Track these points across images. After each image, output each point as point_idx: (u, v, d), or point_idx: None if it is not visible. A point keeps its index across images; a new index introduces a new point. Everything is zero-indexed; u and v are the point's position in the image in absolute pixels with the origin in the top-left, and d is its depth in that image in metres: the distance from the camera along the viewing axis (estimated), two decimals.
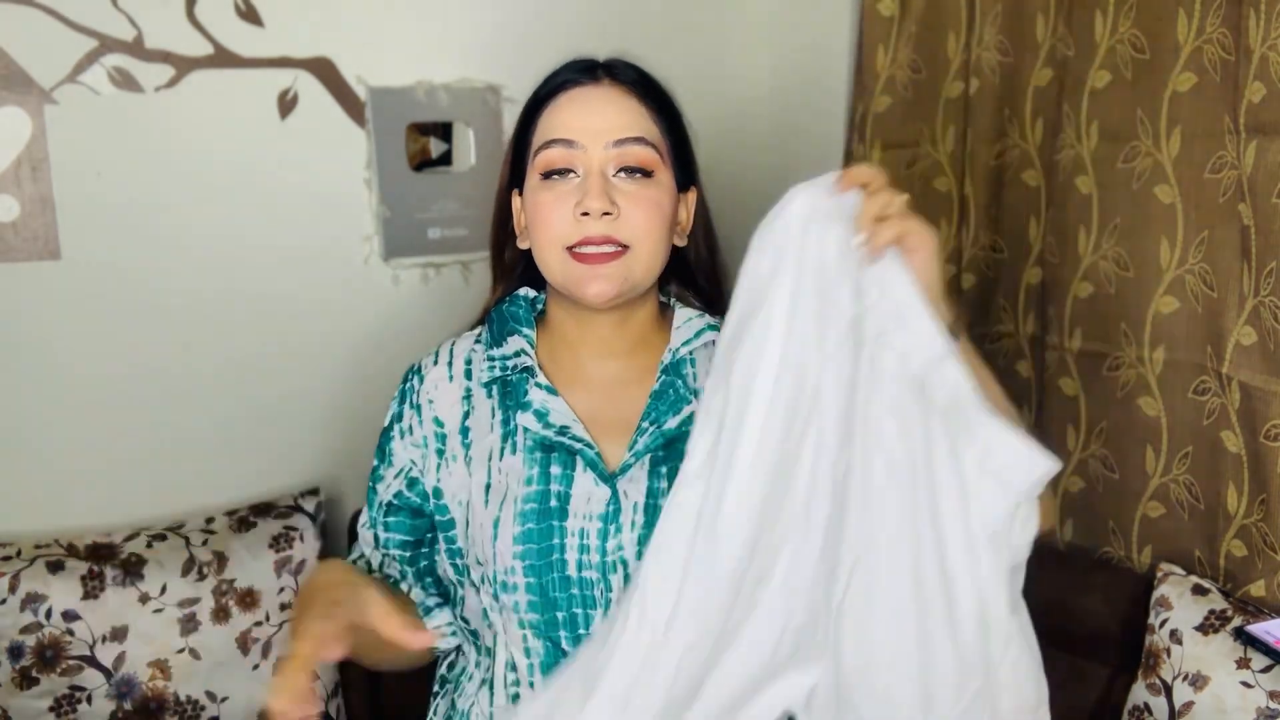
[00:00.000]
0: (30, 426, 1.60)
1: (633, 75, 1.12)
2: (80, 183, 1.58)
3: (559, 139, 1.08)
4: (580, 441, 1.09)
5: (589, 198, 1.05)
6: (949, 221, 1.87)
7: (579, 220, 1.05)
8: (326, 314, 1.79)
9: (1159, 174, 1.53)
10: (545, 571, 1.08)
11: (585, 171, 1.07)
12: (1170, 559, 1.57)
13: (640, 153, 1.08)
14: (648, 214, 1.07)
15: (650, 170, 1.09)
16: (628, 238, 1.06)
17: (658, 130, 1.11)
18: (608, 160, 1.07)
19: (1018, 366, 1.79)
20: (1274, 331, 1.38)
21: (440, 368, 1.17)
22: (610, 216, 1.05)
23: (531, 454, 1.10)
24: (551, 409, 1.11)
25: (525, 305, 1.18)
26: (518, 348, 1.14)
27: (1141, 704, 1.44)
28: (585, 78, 1.10)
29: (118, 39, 1.59)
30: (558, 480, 1.09)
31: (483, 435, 1.13)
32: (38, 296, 1.58)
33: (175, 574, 1.55)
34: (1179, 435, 1.55)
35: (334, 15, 1.73)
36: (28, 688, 1.47)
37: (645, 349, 1.16)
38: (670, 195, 1.12)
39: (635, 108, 1.10)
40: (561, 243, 1.07)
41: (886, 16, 1.90)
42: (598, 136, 1.07)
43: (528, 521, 1.08)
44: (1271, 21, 1.34)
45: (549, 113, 1.10)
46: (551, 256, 1.08)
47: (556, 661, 1.10)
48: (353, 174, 1.78)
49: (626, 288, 1.08)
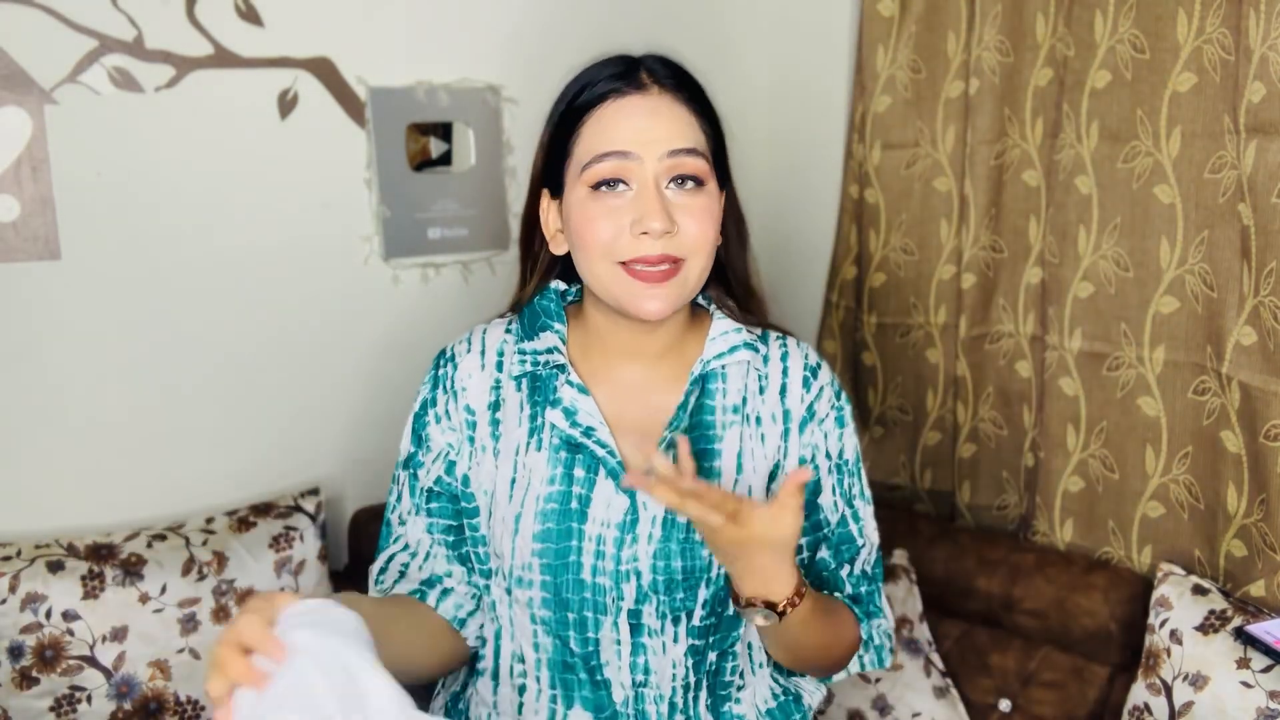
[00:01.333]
0: (30, 426, 1.60)
1: (676, 78, 1.10)
2: (80, 183, 1.58)
3: (614, 151, 1.05)
4: (603, 447, 1.09)
5: (649, 217, 1.03)
6: (949, 221, 1.88)
7: (636, 238, 1.04)
8: (326, 314, 1.79)
9: (1159, 174, 1.53)
10: (561, 572, 1.08)
11: (639, 184, 1.05)
12: (1170, 559, 1.57)
13: (693, 163, 1.07)
14: (703, 226, 1.07)
15: (702, 179, 1.08)
16: (685, 251, 1.06)
17: (704, 137, 1.09)
18: (662, 172, 1.06)
19: (1018, 366, 1.79)
20: (1274, 331, 1.38)
21: (473, 356, 1.15)
22: (670, 235, 1.04)
23: (556, 453, 1.10)
24: (580, 408, 1.10)
25: (557, 300, 1.17)
26: (550, 344, 1.13)
27: (1141, 704, 1.44)
28: (630, 85, 1.08)
29: (118, 39, 1.59)
30: (580, 483, 1.09)
31: (511, 428, 1.12)
32: (38, 296, 1.58)
33: (175, 574, 1.55)
34: (1179, 435, 1.55)
35: (334, 15, 1.73)
36: (28, 688, 1.47)
37: (676, 353, 1.15)
38: (719, 201, 1.11)
39: (685, 115, 1.08)
40: (615, 257, 1.05)
41: (886, 16, 1.90)
42: (652, 147, 1.05)
43: (548, 521, 1.08)
44: (1271, 21, 1.34)
45: (595, 122, 1.07)
46: (602, 269, 1.07)
47: (563, 659, 1.10)
48: (353, 174, 1.78)
49: (680, 303, 1.08)
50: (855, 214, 2.00)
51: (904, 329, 1.96)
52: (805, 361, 1.18)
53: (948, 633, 1.71)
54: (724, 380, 1.14)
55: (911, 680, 1.64)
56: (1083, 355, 1.66)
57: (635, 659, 1.10)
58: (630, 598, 1.08)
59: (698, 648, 1.11)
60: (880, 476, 2.04)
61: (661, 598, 1.08)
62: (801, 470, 0.98)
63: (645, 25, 2.03)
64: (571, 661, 1.10)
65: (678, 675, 1.11)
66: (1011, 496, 1.84)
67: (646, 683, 1.10)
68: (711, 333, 1.15)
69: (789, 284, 2.22)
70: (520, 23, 1.89)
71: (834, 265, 2.06)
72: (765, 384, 1.16)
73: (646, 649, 1.10)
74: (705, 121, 1.10)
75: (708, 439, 1.12)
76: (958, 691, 1.65)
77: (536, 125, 1.16)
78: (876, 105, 1.93)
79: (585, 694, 1.11)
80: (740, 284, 1.19)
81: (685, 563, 1.08)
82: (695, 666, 1.12)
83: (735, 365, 1.15)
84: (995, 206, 1.79)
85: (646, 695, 1.10)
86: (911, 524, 1.84)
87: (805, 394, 1.16)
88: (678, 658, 1.11)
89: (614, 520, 1.08)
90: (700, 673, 1.12)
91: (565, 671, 1.11)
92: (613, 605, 1.08)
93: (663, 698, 1.11)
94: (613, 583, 1.08)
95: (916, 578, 1.74)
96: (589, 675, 1.10)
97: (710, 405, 1.13)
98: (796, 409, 1.15)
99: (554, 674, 1.11)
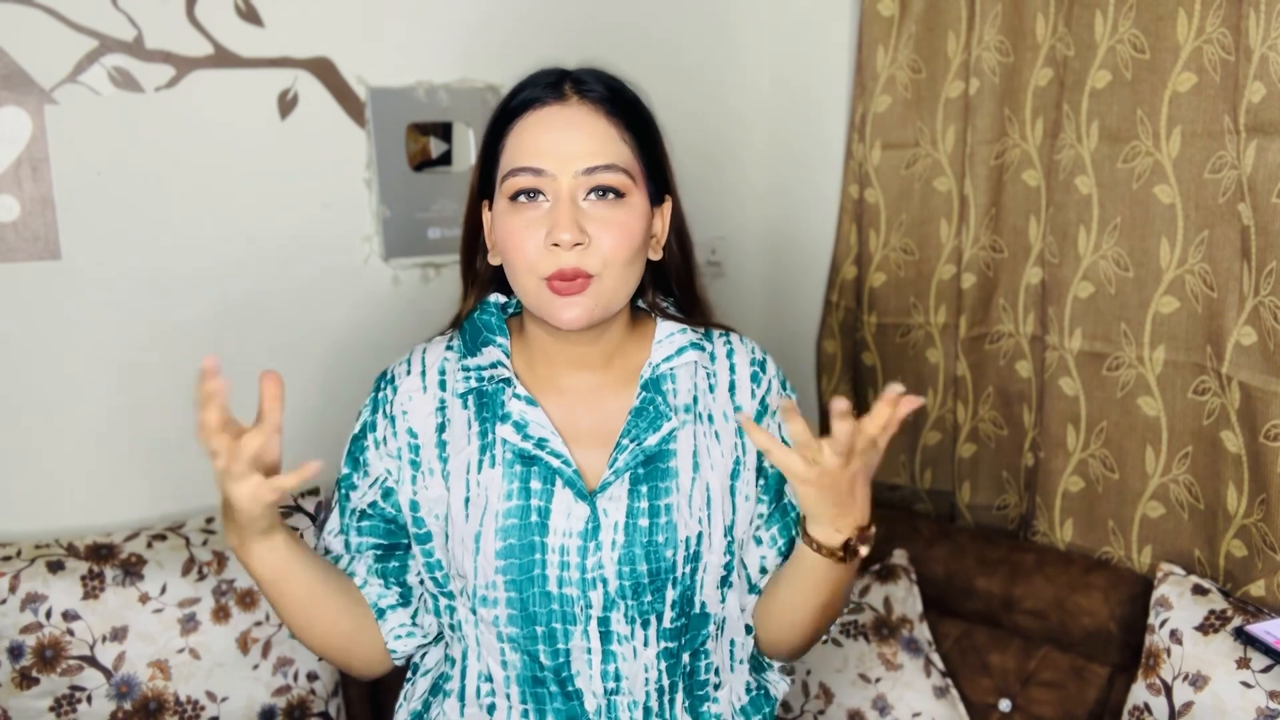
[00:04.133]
0: (30, 426, 1.60)
1: (602, 91, 1.08)
2: (80, 183, 1.58)
3: (527, 166, 1.05)
4: (558, 458, 1.09)
5: (558, 228, 1.03)
6: (949, 221, 1.88)
7: (550, 250, 1.04)
8: (327, 314, 1.79)
9: (1159, 174, 1.53)
10: (526, 586, 1.07)
11: (553, 197, 1.05)
12: (1170, 559, 1.57)
13: (610, 178, 1.06)
14: (616, 240, 1.05)
15: (622, 192, 1.07)
16: (596, 267, 1.05)
17: (629, 151, 1.08)
18: (577, 186, 1.05)
19: (1018, 366, 1.79)
20: (1274, 331, 1.38)
21: (413, 378, 1.15)
22: (580, 246, 1.04)
23: (511, 467, 1.09)
24: (530, 420, 1.10)
25: (497, 313, 1.16)
26: (494, 359, 1.13)
27: (1141, 704, 1.44)
28: (552, 95, 1.07)
29: (118, 39, 1.59)
30: (538, 495, 1.08)
31: (460, 448, 1.11)
32: (38, 296, 1.58)
33: (175, 574, 1.55)
34: (1179, 435, 1.55)
35: (334, 15, 1.73)
36: (28, 688, 1.47)
37: (620, 359, 1.15)
38: (642, 215, 1.09)
39: (605, 129, 1.06)
40: (535, 272, 1.05)
41: (886, 16, 1.90)
42: (566, 163, 1.04)
43: (509, 536, 1.07)
44: (1271, 21, 1.34)
45: (516, 132, 1.07)
46: (526, 282, 1.06)
47: (533, 674, 1.10)
48: (353, 174, 1.78)
49: (598, 313, 1.07)
50: (855, 214, 2.00)
51: (904, 329, 1.96)
52: (751, 357, 1.18)
53: (948, 633, 1.71)
54: (673, 381, 1.14)
55: (911, 680, 1.64)
56: (1083, 355, 1.66)
57: (605, 666, 1.09)
58: (598, 605, 1.08)
59: (670, 650, 1.11)
60: (880, 476, 2.04)
61: (629, 602, 1.08)
62: (789, 409, 0.98)
63: (644, 25, 2.03)
64: (542, 675, 1.10)
65: (650, 679, 1.11)
66: (1011, 496, 1.84)
67: (619, 689, 1.10)
68: (657, 335, 1.15)
69: (789, 284, 2.22)
70: (520, 23, 1.89)
71: (834, 265, 2.06)
72: (714, 382, 1.16)
73: (617, 656, 1.09)
74: (631, 134, 1.08)
75: (663, 440, 1.11)
76: (958, 691, 1.66)
77: None
78: (876, 105, 1.93)
79: (558, 706, 1.10)
80: (684, 293, 1.19)
81: (650, 565, 1.08)
82: (670, 669, 1.12)
83: (684, 366, 1.15)
84: (995, 206, 1.79)
85: (619, 703, 1.10)
86: (911, 524, 1.84)
87: (756, 388, 1.17)
88: (649, 661, 1.10)
89: (575, 529, 1.08)
90: (675, 675, 1.12)
91: (536, 686, 1.10)
92: (581, 614, 1.08)
93: (636, 704, 1.10)
94: (580, 591, 1.07)
95: (916, 578, 1.74)
96: (560, 687, 1.10)
97: (665, 413, 1.12)
98: (749, 405, 1.16)
99: (524, 689, 1.10)
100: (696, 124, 2.05)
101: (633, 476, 1.09)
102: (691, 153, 1.47)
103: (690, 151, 1.36)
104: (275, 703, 1.58)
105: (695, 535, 1.10)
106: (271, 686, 1.57)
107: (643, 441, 1.10)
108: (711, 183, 2.15)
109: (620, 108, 1.08)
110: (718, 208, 2.15)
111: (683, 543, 1.09)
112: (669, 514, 1.09)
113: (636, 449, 1.10)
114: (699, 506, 1.11)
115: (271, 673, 1.57)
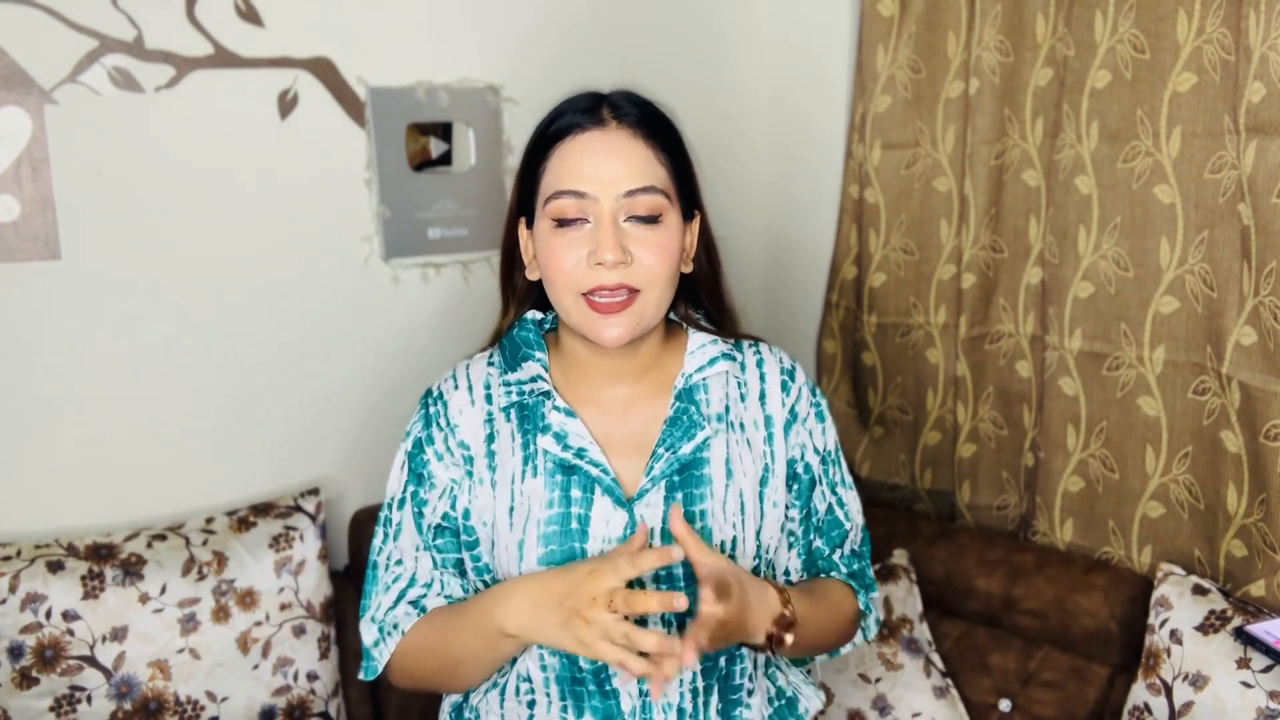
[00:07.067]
0: (30, 426, 1.60)
1: (638, 114, 1.13)
2: (80, 183, 1.58)
3: (570, 190, 1.09)
4: (597, 466, 1.13)
5: (603, 248, 1.07)
6: (949, 221, 1.88)
7: (593, 268, 1.08)
8: (326, 314, 1.78)
9: (1159, 174, 1.53)
10: None
11: (596, 219, 1.09)
12: (1170, 559, 1.57)
13: (650, 201, 1.10)
14: (658, 259, 1.10)
15: (660, 215, 1.11)
16: (640, 283, 1.09)
17: (664, 172, 1.12)
18: (619, 209, 1.09)
19: (1018, 366, 1.79)
20: (1274, 331, 1.38)
21: (461, 392, 1.19)
22: (624, 265, 1.08)
23: (552, 476, 1.13)
24: (570, 431, 1.14)
25: (535, 329, 1.20)
26: (534, 373, 1.17)
27: (1141, 704, 1.44)
28: (591, 121, 1.11)
29: (118, 39, 1.59)
30: (578, 503, 1.12)
31: (506, 458, 1.15)
32: (38, 296, 1.58)
33: (175, 574, 1.55)
34: (1179, 435, 1.55)
35: (334, 15, 1.73)
36: (28, 688, 1.47)
37: (655, 370, 1.19)
38: (678, 234, 1.14)
39: (642, 152, 1.11)
40: (576, 289, 1.09)
41: (886, 16, 1.90)
42: (608, 187, 1.09)
43: (550, 544, 1.11)
44: (1271, 21, 1.34)
45: (558, 157, 1.11)
46: (566, 299, 1.11)
47: (572, 675, 1.13)
48: (353, 174, 1.78)
49: (639, 330, 1.11)
50: (855, 214, 2.00)
51: (904, 329, 1.96)
52: (781, 365, 1.24)
53: (948, 633, 1.71)
54: (706, 391, 1.19)
55: (911, 680, 1.64)
56: (1083, 355, 1.66)
57: None
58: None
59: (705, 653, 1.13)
60: (880, 476, 2.04)
61: None
62: (675, 517, 1.04)
63: (645, 26, 2.03)
64: (581, 676, 1.13)
65: (685, 681, 1.13)
66: (1011, 496, 1.84)
67: None
68: (690, 347, 1.19)
69: (789, 284, 2.22)
70: (520, 23, 1.89)
71: (834, 265, 2.06)
72: (745, 391, 1.21)
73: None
74: (666, 154, 1.13)
75: (697, 448, 1.15)
76: (958, 691, 1.66)
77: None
78: (876, 105, 1.93)
79: (595, 704, 1.13)
80: (714, 305, 1.23)
81: (687, 569, 1.11)
82: (705, 671, 1.14)
83: (715, 375, 1.19)
84: (995, 206, 1.79)
85: (654, 704, 1.13)
86: (911, 524, 1.84)
87: (785, 397, 1.22)
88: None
89: (614, 535, 1.12)
90: (711, 678, 1.15)
91: (575, 685, 1.13)
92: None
93: (670, 705, 1.13)
94: None
95: (916, 578, 1.74)
96: (598, 686, 1.13)
97: (699, 422, 1.16)
98: (779, 413, 1.21)
99: (563, 688, 1.14)
100: (696, 124, 2.04)
101: (668, 484, 1.13)
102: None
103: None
104: (275, 703, 1.58)
105: (730, 540, 1.14)
106: (271, 686, 1.57)
107: (678, 450, 1.14)
108: (711, 183, 2.14)
109: (655, 130, 1.13)
110: (718, 208, 2.14)
111: (717, 547, 1.13)
112: (704, 520, 1.13)
113: (672, 457, 1.14)
114: (733, 512, 1.15)
115: (271, 673, 1.57)
